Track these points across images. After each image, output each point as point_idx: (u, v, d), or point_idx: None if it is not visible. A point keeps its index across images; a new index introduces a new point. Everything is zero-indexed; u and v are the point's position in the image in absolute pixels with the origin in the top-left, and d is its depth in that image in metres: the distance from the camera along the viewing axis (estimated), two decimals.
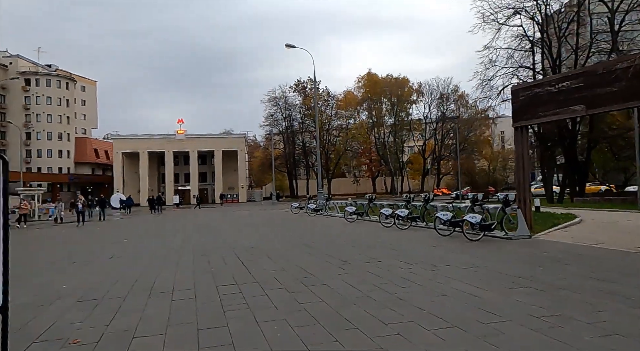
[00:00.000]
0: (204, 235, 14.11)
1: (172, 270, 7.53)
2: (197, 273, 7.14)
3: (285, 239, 11.90)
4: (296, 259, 8.20)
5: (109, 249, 11.02)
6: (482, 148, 68.33)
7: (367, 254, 8.36)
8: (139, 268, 7.89)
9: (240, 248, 10.13)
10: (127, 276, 7.09)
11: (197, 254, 9.38)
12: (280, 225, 17.27)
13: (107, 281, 6.72)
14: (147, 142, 62.13)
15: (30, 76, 66.56)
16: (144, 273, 7.33)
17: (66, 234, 17.10)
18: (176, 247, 11.02)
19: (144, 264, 8.33)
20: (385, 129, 66.55)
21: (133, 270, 7.70)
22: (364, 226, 15.03)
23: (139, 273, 7.40)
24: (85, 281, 6.86)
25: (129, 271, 7.60)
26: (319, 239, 11.50)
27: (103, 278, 7.07)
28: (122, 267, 8.14)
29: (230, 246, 10.75)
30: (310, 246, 10.08)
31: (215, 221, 22.08)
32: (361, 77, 66.50)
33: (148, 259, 9.03)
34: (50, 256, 10.42)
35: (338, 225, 16.04)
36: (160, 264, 8.24)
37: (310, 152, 66.39)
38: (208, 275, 6.92)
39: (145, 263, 8.50)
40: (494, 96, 25.09)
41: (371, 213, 17.76)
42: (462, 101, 66.63)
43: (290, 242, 11.05)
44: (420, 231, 12.51)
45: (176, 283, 6.36)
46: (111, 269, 7.98)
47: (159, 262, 8.58)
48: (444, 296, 5.04)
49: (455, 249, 8.76)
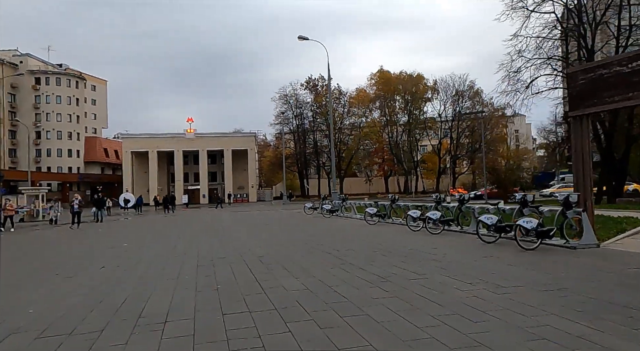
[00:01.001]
0: (211, 239, 12.75)
1: (169, 287, 6.13)
2: (199, 293, 5.73)
3: (303, 245, 10.46)
4: (320, 273, 6.75)
5: (103, 257, 9.69)
6: (499, 147, 66.18)
7: (406, 267, 6.88)
8: (130, 283, 6.52)
9: (252, 257, 8.72)
10: (113, 296, 5.72)
11: (202, 265, 7.99)
12: (295, 228, 15.84)
13: (87, 304, 5.35)
14: (156, 141, 61.31)
15: (40, 75, 66.26)
16: (135, 292, 5.95)
17: (59, 238, 15.66)
18: (179, 254, 9.66)
19: (138, 278, 6.95)
20: (399, 128, 64.82)
21: (123, 286, 6.33)
22: (388, 230, 13.53)
23: (129, 290, 6.02)
24: (59, 303, 5.50)
25: (117, 288, 6.23)
26: (342, 245, 10.03)
27: (83, 298, 5.70)
28: (111, 282, 6.78)
29: (240, 253, 9.35)
30: (333, 254, 8.63)
31: (224, 222, 20.75)
32: (373, 74, 64.92)
33: (144, 270, 7.67)
34: (30, 266, 9.05)
35: (358, 228, 14.56)
36: (157, 278, 6.86)
37: (322, 151, 65.00)
38: (213, 296, 5.50)
39: (139, 276, 7.13)
40: (522, 89, 23.34)
41: (394, 214, 16.24)
42: (477, 98, 64.60)
43: (308, 249, 9.61)
44: (456, 237, 10.97)
45: (172, 309, 4.95)
46: (98, 284, 6.62)
47: (157, 275, 7.20)
48: (544, 342, 3.54)
49: (513, 261, 7.23)
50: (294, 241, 11.33)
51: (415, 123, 62.91)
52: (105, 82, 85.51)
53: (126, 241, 13.11)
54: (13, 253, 11.49)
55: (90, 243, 13.20)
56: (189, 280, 6.59)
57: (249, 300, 5.23)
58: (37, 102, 66.02)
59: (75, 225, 19.53)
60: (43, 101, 66.06)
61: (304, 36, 27.50)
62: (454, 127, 62.99)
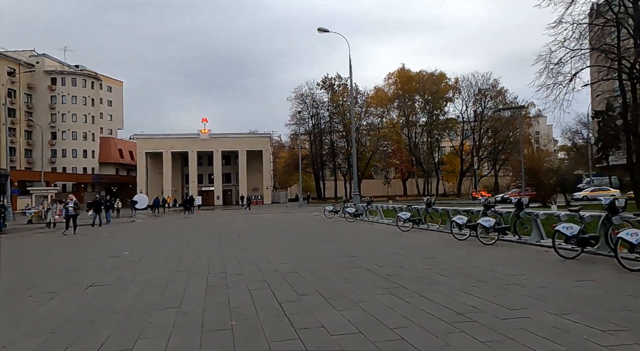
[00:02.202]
0: (225, 247, 11.11)
1: (166, 324, 4.47)
2: (205, 334, 4.05)
3: (333, 258, 8.73)
4: (368, 302, 5.00)
5: (95, 270, 8.13)
6: (523, 147, 63.34)
7: (482, 295, 5.09)
8: (117, 315, 4.88)
9: (275, 274, 7.04)
10: (87, 336, 4.09)
11: (213, 285, 6.33)
12: (319, 235, 14.11)
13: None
14: (171, 142, 60.45)
15: (56, 75, 66.16)
16: (118, 329, 4.31)
17: (50, 246, 13.65)
18: (186, 267, 8.04)
19: (128, 305, 5.32)
20: (418, 128, 62.70)
21: (105, 319, 4.70)
22: (428, 239, 11.70)
23: (111, 327, 4.38)
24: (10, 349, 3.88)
25: (97, 321, 4.59)
26: (381, 258, 8.27)
27: (46, 338, 4.08)
28: (92, 310, 5.15)
29: (259, 267, 7.67)
30: (375, 272, 6.88)
31: (239, 226, 19.14)
32: (391, 73, 62.99)
33: (139, 292, 6.04)
34: (2, 282, 7.46)
35: (392, 236, 12.76)
36: (153, 307, 5.22)
37: (339, 152, 63.27)
38: (226, 342, 3.81)
39: (130, 302, 5.50)
40: (565, 82, 21.15)
41: (429, 220, 14.40)
42: (501, 97, 62.03)
43: (342, 264, 7.87)
44: (517, 249, 9.11)
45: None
46: (75, 313, 5.01)
47: (154, 300, 5.56)
48: None
49: (626, 288, 5.37)
50: (321, 253, 9.60)
51: (436, 123, 60.71)
52: (121, 83, 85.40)
53: (129, 249, 11.57)
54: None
55: (87, 252, 11.68)
56: (193, 311, 4.92)
57: (277, 349, 3.53)
58: (53, 103, 65.88)
59: (71, 230, 16.71)
60: (59, 102, 65.90)
61: (324, 28, 25.86)
62: (476, 128, 60.49)
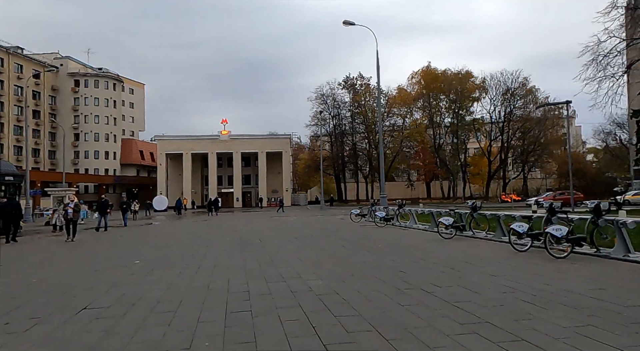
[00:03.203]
0: (247, 257, 9.77)
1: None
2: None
3: (378, 273, 7.23)
4: (449, 349, 3.53)
5: (97, 285, 6.87)
6: (554, 149, 60.39)
7: (618, 345, 3.54)
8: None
9: (311, 297, 5.62)
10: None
11: (234, 311, 4.96)
12: (350, 241, 12.63)
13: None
14: (191, 143, 60.07)
15: (80, 77, 66.79)
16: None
17: (53, 253, 11.97)
18: (202, 284, 6.70)
19: (122, 345, 3.98)
20: (443, 129, 60.49)
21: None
22: (479, 249, 10.09)
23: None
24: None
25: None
26: (437, 275, 6.75)
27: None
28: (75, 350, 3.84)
29: (289, 286, 6.27)
30: (440, 297, 5.37)
31: (261, 231, 17.81)
32: (416, 72, 61.00)
33: (141, 321, 4.71)
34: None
35: (434, 244, 11.20)
36: (155, 347, 3.87)
37: (361, 153, 61.70)
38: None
39: (126, 338, 4.16)
40: (618, 74, 19.17)
41: (475, 226, 12.76)
42: (531, 96, 59.19)
43: (391, 282, 6.38)
44: (600, 264, 7.44)
45: None
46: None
47: (155, 338, 4.21)
48: None
49: None
50: (360, 265, 8.13)
51: (461, 124, 58.38)
52: (142, 86, 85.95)
53: (140, 256, 10.36)
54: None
55: (93, 261, 10.52)
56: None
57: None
58: (76, 104, 66.50)
59: (70, 237, 14.58)
60: (82, 103, 66.48)
61: (349, 21, 24.45)
62: (505, 129, 57.82)
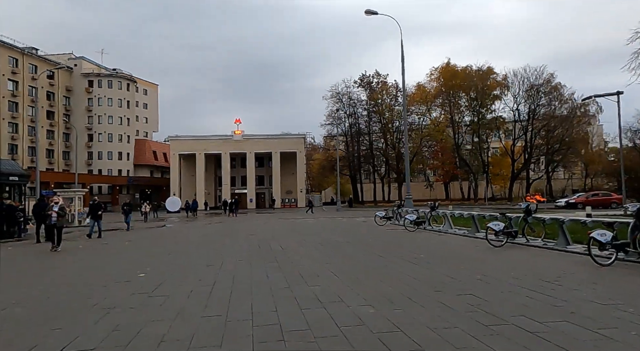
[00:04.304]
0: (271, 270, 8.27)
1: None
2: None
3: (440, 297, 5.67)
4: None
5: (86, 310, 5.46)
6: (580, 148, 57.74)
7: None
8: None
9: (366, 334, 4.10)
10: None
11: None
12: (386, 250, 11.02)
13: None
14: (204, 143, 59.12)
15: (93, 77, 66.50)
16: None
17: (47, 262, 10.43)
18: (218, 311, 5.24)
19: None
20: (463, 127, 58.32)
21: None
22: (549, 261, 8.44)
23: None
24: None
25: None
26: (523, 301, 5.17)
27: None
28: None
29: (332, 316, 4.76)
30: (558, 344, 3.82)
31: (281, 235, 16.30)
32: (435, 69, 58.95)
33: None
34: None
35: (488, 254, 9.58)
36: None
37: (378, 153, 59.94)
38: None
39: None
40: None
41: (529, 233, 11.08)
42: (555, 93, 56.61)
43: (466, 312, 4.83)
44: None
45: None
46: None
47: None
48: None
49: None
50: (414, 286, 6.53)
51: (483, 122, 56.13)
52: (156, 87, 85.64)
53: (146, 267, 8.96)
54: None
55: (86, 274, 9.16)
56: None
57: None
58: (90, 105, 66.20)
59: (55, 246, 12.37)
60: (95, 104, 66.15)
61: (372, 10, 22.88)
62: (528, 126, 55.38)
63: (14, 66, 56.23)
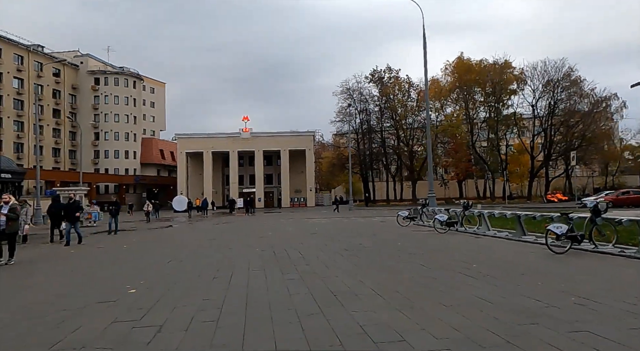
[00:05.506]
0: (294, 285, 6.61)
1: None
2: None
3: (541, 331, 4.00)
4: None
5: (46, 345, 3.87)
6: (602, 143, 55.38)
7: None
8: None
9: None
10: None
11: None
12: (423, 256, 9.33)
13: None
14: (211, 141, 57.74)
15: (99, 75, 65.42)
16: None
17: (29, 272, 9.01)
18: (226, 335, 3.62)
19: None
20: (480, 124, 56.18)
21: None
22: (632, 272, 6.70)
23: None
24: None
25: None
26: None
27: None
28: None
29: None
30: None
31: (297, 238, 14.63)
32: (449, 63, 56.89)
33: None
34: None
35: (550, 263, 7.85)
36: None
37: (391, 150, 58.03)
38: None
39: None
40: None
41: (597, 237, 9.31)
42: (575, 88, 54.17)
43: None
44: None
45: None
46: None
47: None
48: None
49: None
50: (488, 311, 4.87)
51: (499, 118, 53.94)
52: (163, 85, 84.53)
53: (140, 280, 7.35)
54: None
55: (62, 288, 7.61)
56: None
57: None
58: (96, 103, 65.14)
59: (10, 258, 9.58)
60: (102, 102, 65.06)
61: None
62: (547, 123, 53.09)
63: (20, 64, 55.27)
